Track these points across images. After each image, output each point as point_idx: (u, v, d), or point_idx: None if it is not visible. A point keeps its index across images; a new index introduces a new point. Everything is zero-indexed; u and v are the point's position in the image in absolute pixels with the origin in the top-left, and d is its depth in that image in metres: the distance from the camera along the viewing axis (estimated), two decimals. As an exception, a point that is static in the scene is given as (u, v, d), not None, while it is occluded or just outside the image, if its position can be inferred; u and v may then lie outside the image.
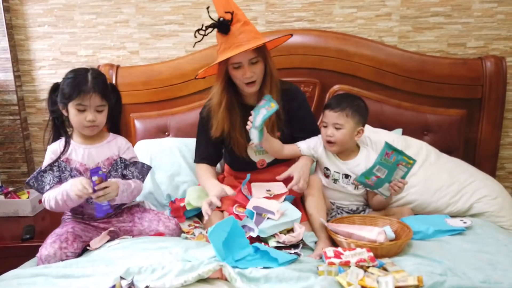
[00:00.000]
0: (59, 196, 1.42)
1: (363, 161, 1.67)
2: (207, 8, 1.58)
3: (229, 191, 1.47)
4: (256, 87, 1.60)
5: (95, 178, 1.36)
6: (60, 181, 1.48)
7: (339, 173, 1.66)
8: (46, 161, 1.50)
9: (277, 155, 1.69)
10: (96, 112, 1.46)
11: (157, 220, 1.58)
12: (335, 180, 1.67)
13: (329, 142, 1.64)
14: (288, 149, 1.70)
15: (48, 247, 1.39)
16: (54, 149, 1.51)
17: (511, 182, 2.20)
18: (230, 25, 1.51)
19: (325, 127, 1.66)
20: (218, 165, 1.97)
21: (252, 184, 1.69)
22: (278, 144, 1.66)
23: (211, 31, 1.54)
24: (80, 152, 1.51)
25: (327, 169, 1.68)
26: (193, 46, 1.66)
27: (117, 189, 1.43)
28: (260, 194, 1.62)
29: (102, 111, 1.49)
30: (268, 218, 1.48)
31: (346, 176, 1.66)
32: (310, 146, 1.70)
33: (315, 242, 1.49)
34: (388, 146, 1.51)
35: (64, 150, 1.49)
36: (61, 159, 1.49)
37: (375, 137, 1.84)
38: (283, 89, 1.69)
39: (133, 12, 2.16)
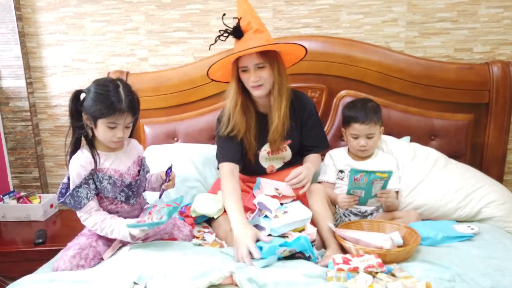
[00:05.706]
0: (105, 228, 1.43)
1: (377, 163, 1.76)
2: (223, 15, 1.62)
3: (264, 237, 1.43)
4: (262, 91, 1.63)
5: (170, 173, 1.57)
6: (98, 193, 1.46)
7: None
8: (75, 175, 1.42)
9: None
10: (125, 128, 1.43)
11: (173, 224, 1.59)
12: None
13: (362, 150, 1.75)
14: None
15: (66, 262, 1.37)
16: (82, 163, 1.42)
17: (519, 186, 2.20)
18: (243, 31, 1.58)
19: (355, 138, 1.74)
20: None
21: (262, 179, 1.71)
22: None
23: (227, 37, 1.60)
24: (111, 159, 1.48)
25: (342, 171, 1.74)
26: (209, 48, 1.65)
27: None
28: (268, 190, 1.65)
29: (130, 126, 1.47)
30: (265, 215, 1.52)
31: None
32: (336, 172, 1.78)
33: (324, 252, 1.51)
34: (354, 172, 1.57)
35: (96, 163, 1.44)
36: (96, 172, 1.44)
37: (391, 145, 1.88)
38: (294, 97, 1.73)
39: (142, 20, 2.19)
